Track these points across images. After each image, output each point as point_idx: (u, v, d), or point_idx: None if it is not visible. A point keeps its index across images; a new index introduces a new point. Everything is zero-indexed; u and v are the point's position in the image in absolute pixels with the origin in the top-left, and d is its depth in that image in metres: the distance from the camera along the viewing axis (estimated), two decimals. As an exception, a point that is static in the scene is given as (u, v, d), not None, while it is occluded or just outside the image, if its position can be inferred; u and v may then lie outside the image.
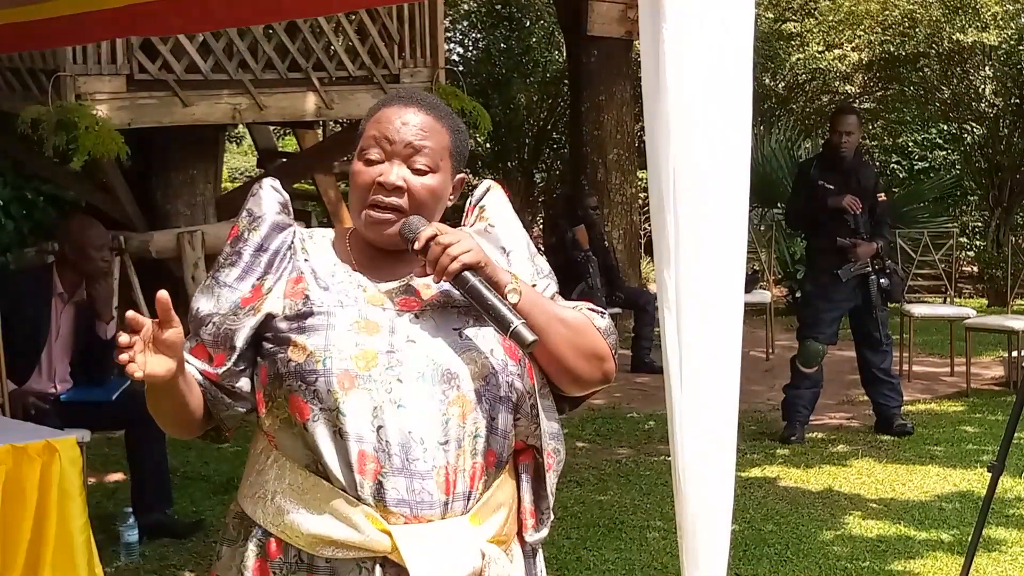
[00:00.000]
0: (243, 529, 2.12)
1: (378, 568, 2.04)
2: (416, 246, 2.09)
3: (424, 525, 2.03)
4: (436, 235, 2.08)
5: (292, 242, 2.16)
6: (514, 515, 2.18)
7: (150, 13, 4.17)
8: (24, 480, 4.27)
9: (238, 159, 20.43)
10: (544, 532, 2.21)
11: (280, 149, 12.57)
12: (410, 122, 2.14)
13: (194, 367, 2.12)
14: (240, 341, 2.10)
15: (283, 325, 2.09)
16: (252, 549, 2.09)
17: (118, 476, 6.57)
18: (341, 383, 2.03)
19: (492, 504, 2.12)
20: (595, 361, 2.23)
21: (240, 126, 13.19)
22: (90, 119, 7.20)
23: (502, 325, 2.08)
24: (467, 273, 2.08)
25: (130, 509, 5.54)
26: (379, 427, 2.03)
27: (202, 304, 2.14)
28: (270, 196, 2.18)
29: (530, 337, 2.07)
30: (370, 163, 2.13)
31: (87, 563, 4.37)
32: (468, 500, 2.08)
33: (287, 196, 2.22)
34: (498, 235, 2.24)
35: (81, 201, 8.57)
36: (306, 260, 2.15)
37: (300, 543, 2.05)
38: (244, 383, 2.13)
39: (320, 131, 11.90)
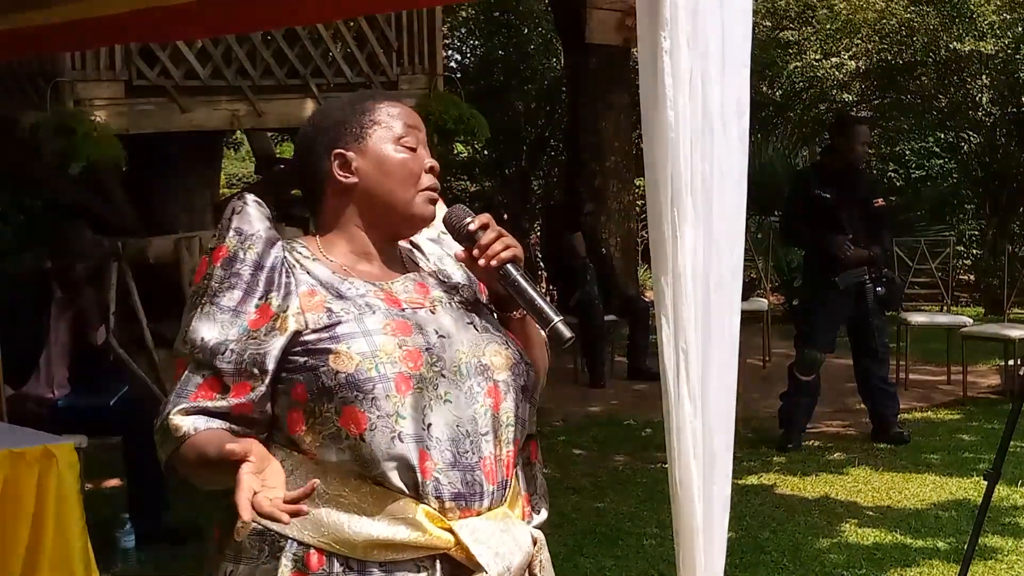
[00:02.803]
0: (266, 546, 2.05)
1: (438, 564, 2.05)
2: (473, 226, 2.16)
3: (477, 518, 2.07)
4: (489, 223, 2.17)
5: (284, 256, 2.13)
6: None
7: (149, 20, 4.18)
8: (22, 485, 4.28)
9: (236, 165, 20.45)
10: (544, 515, 2.25)
11: (278, 155, 12.58)
12: (412, 111, 2.23)
13: (219, 411, 2.04)
14: (271, 363, 2.03)
15: (312, 338, 2.05)
16: (285, 564, 2.03)
17: (115, 482, 6.57)
18: (399, 387, 2.02)
19: (516, 491, 2.18)
20: (545, 374, 2.34)
21: (238, 132, 13.19)
22: (88, 125, 7.20)
23: (543, 320, 2.15)
24: (511, 266, 2.16)
25: (127, 515, 5.54)
26: (429, 424, 2.04)
27: (206, 333, 2.06)
28: (257, 212, 2.14)
29: (568, 334, 2.13)
30: (411, 150, 2.18)
31: (84, 569, 4.37)
32: (505, 489, 2.13)
33: (268, 209, 2.19)
34: (451, 243, 2.29)
35: (79, 207, 8.57)
36: (308, 272, 2.13)
37: (353, 551, 2.03)
38: (268, 406, 2.07)
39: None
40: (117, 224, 8.36)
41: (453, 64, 16.58)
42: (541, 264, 12.03)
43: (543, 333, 2.25)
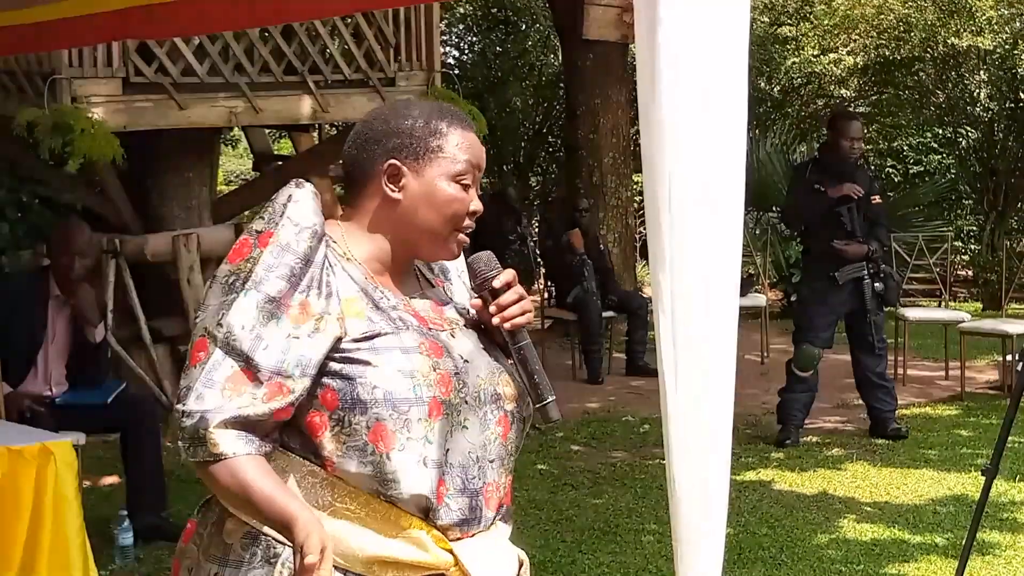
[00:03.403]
0: (258, 550, 2.01)
1: None
2: (497, 284, 2.13)
3: (472, 539, 2.08)
4: (513, 283, 2.13)
5: (327, 253, 2.05)
6: None
7: (146, 16, 4.17)
8: (19, 483, 4.28)
9: (234, 162, 20.45)
10: (508, 530, 2.24)
11: (276, 152, 12.58)
12: (479, 146, 2.16)
13: (259, 418, 1.95)
14: (314, 368, 1.97)
15: (351, 346, 2.00)
16: (280, 572, 1.99)
17: (113, 479, 6.57)
18: (431, 412, 2.00)
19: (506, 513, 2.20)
20: None
21: (236, 129, 13.17)
22: (86, 122, 7.18)
23: (537, 395, 2.14)
24: (524, 331, 2.14)
25: (125, 512, 5.54)
26: (448, 450, 2.04)
27: (246, 320, 1.96)
28: (314, 204, 2.05)
29: (556, 416, 2.15)
30: (465, 189, 2.12)
31: (82, 566, 4.37)
32: (499, 515, 2.14)
33: (319, 201, 2.10)
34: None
35: (76, 204, 8.56)
36: (349, 275, 2.07)
37: (353, 565, 2.01)
38: (292, 413, 2.01)
39: (316, 134, 11.91)
40: (115, 221, 8.34)
41: (451, 60, 16.58)
42: (539, 260, 12.03)
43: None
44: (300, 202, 2.04)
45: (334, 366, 2.00)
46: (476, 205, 2.13)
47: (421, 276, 2.22)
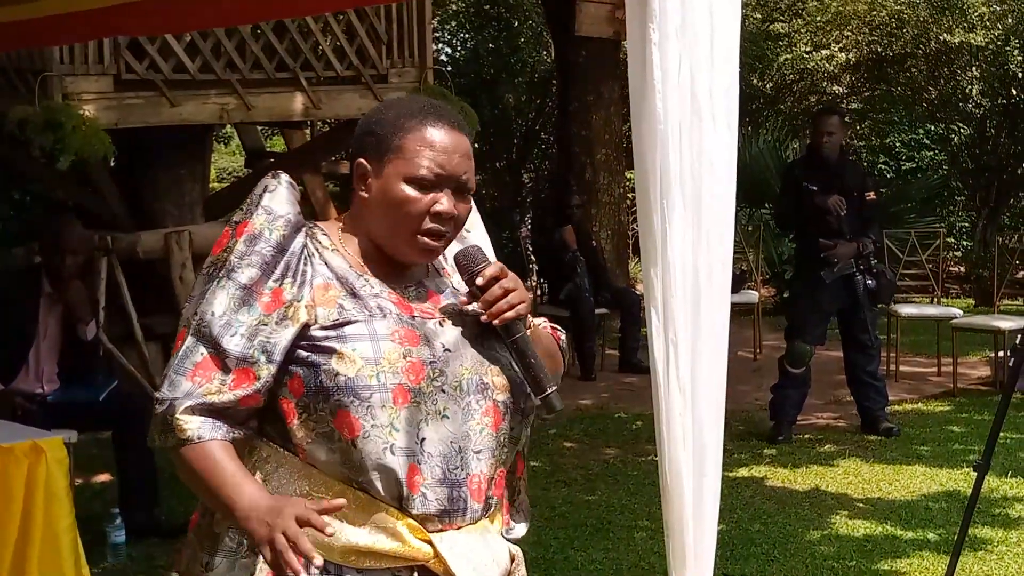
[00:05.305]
0: (244, 540, 2.03)
1: (415, 575, 2.05)
2: (479, 282, 2.09)
3: (456, 531, 2.06)
4: (500, 277, 2.09)
5: (305, 242, 2.07)
6: None
7: (137, 13, 4.16)
8: (11, 481, 4.27)
9: (226, 159, 20.40)
10: (524, 528, 2.25)
11: (268, 149, 12.56)
12: (459, 151, 2.09)
13: (224, 406, 1.99)
14: (280, 354, 1.99)
15: (319, 334, 2.01)
16: (263, 561, 1.99)
17: (105, 477, 6.56)
18: (395, 399, 2.00)
19: (498, 506, 2.18)
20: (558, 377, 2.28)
21: (228, 126, 13.15)
22: (77, 119, 7.17)
23: (537, 387, 2.11)
24: (518, 323, 2.10)
25: (117, 510, 5.54)
26: (423, 439, 2.02)
27: (218, 308, 2.00)
28: (288, 194, 2.08)
29: (559, 405, 2.11)
30: (423, 189, 2.07)
31: (74, 564, 4.36)
32: (490, 507, 2.12)
33: (298, 192, 2.13)
34: (473, 241, 2.25)
35: (68, 201, 8.55)
36: (326, 264, 2.08)
37: (330, 555, 2.00)
38: (265, 398, 2.04)
39: (308, 131, 11.89)
40: (106, 218, 8.33)
41: (443, 57, 16.55)
42: (532, 257, 12.01)
43: (553, 347, 2.24)
44: (275, 192, 2.08)
45: (301, 353, 2.02)
46: (440, 206, 2.07)
47: (430, 265, 2.21)
